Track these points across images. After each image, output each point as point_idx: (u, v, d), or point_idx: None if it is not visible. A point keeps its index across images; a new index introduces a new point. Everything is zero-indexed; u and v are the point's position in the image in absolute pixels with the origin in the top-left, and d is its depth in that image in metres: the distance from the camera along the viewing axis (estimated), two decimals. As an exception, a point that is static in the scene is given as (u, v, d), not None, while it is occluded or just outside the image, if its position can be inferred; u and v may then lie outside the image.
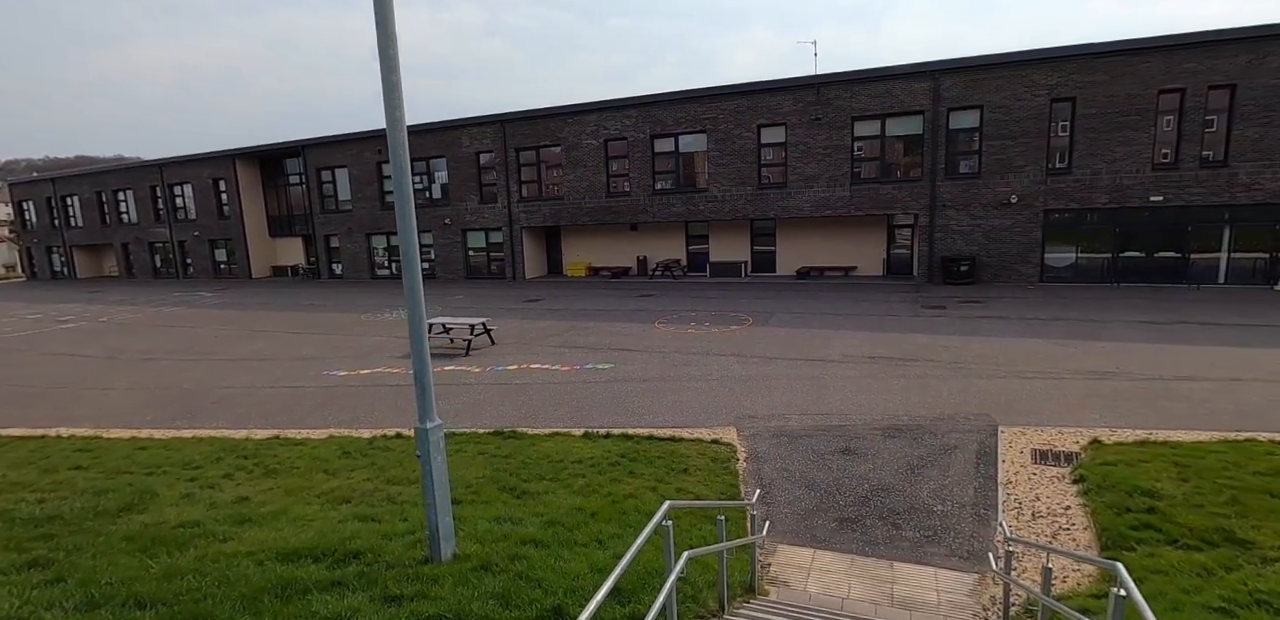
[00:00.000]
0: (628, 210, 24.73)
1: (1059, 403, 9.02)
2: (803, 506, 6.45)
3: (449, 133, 27.47)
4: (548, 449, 7.60)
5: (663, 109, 23.43)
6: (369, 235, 30.66)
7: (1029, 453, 7.38)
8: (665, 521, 2.79)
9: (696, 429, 8.60)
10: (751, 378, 10.96)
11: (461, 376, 12.07)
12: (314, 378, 12.48)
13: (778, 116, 21.84)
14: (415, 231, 4.13)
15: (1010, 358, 11.48)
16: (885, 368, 11.21)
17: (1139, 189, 18.37)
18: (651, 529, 2.63)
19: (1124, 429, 7.91)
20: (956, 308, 16.53)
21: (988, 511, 6.17)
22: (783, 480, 7.00)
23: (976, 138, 19.77)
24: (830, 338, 13.70)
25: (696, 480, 6.74)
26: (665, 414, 9.30)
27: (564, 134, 25.26)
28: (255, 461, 7.49)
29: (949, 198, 20.20)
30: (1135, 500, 5.75)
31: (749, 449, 7.87)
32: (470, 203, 27.68)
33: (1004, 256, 19.94)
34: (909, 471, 7.03)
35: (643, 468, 6.96)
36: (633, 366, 12.10)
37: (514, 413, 9.68)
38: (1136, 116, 18.08)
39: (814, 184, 21.68)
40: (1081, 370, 10.53)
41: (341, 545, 4.48)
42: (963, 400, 9.31)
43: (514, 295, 22.80)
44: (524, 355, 13.50)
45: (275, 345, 16.08)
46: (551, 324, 16.91)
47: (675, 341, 14.09)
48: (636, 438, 8.11)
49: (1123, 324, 13.89)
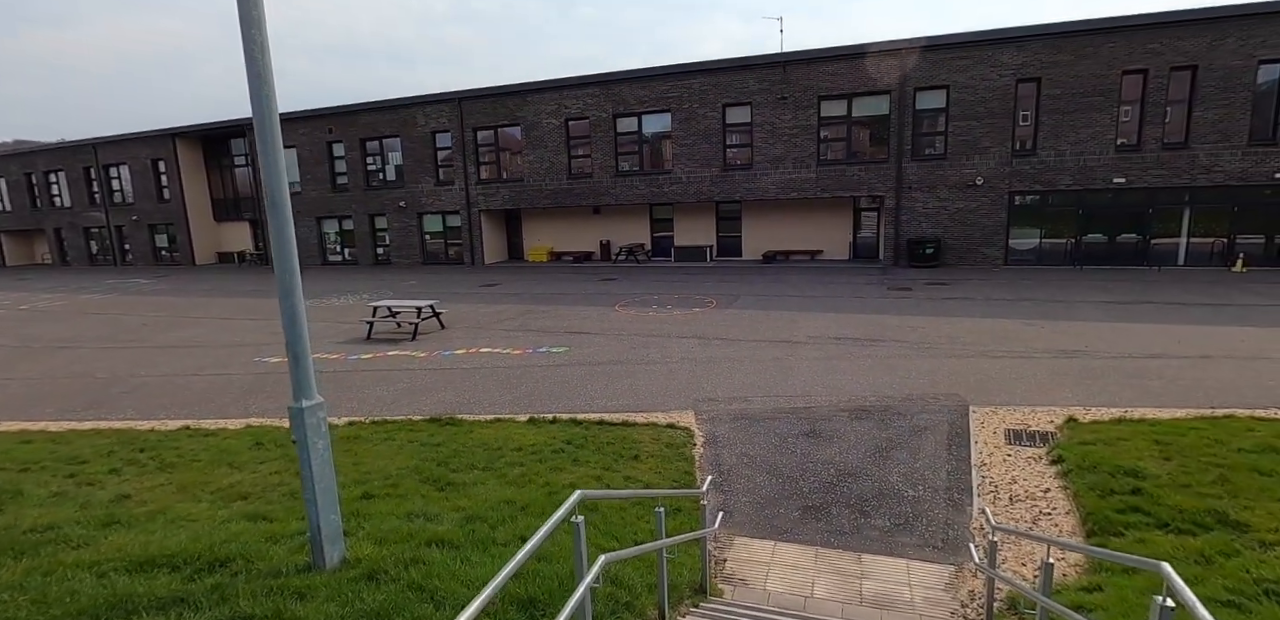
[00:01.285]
0: (590, 192, 23.92)
1: (1030, 382, 8.65)
2: (764, 494, 5.88)
3: (403, 111, 26.21)
4: (486, 436, 6.90)
5: (626, 87, 22.61)
6: (319, 219, 29.24)
7: (1002, 433, 6.94)
8: (575, 517, 2.14)
9: (652, 413, 7.99)
10: (714, 360, 10.39)
11: (405, 362, 11.25)
12: (244, 365, 11.52)
13: (743, 96, 21.22)
14: (284, 176, 3.33)
15: (978, 337, 11.13)
16: (852, 349, 10.75)
17: (1102, 171, 18.28)
18: (554, 525, 1.98)
19: (1099, 407, 7.54)
20: (923, 289, 16.22)
21: (962, 496, 5.68)
22: (743, 466, 6.43)
23: (942, 119, 19.46)
24: (796, 319, 13.21)
25: (648, 468, 6.12)
26: (619, 398, 8.67)
27: (523, 113, 24.27)
28: (152, 455, 6.63)
29: (915, 179, 19.89)
30: (1119, 481, 5.31)
31: (707, 433, 7.29)
32: (426, 185, 26.52)
33: (969, 239, 19.74)
34: (878, 455, 6.52)
35: (589, 455, 6.31)
36: (589, 350, 11.43)
37: (457, 399, 8.94)
38: (1100, 98, 17.94)
39: (780, 165, 21.17)
40: (1050, 349, 10.22)
41: (211, 551, 3.74)
42: (932, 380, 8.87)
43: (471, 280, 21.88)
44: (475, 339, 12.72)
45: (208, 332, 14.98)
46: (507, 308, 16.11)
47: (635, 324, 13.46)
48: (585, 423, 7.45)
49: (1088, 304, 13.71)
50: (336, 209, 28.59)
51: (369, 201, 27.80)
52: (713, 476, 4.30)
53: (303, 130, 28.21)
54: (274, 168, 3.25)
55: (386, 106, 26.49)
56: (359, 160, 27.63)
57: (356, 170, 27.74)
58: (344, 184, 28.25)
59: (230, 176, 32.67)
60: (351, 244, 29.05)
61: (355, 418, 8.10)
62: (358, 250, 28.77)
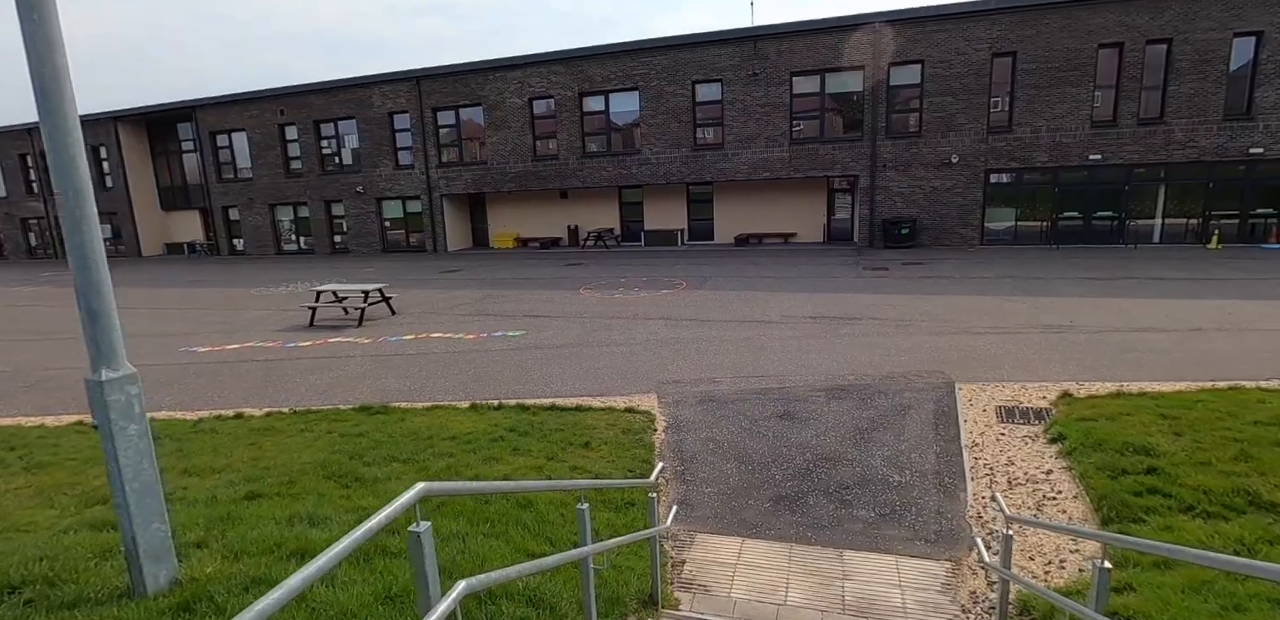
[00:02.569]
0: (556, 175, 22.98)
1: (1016, 357, 8.07)
2: (731, 483, 5.16)
3: (358, 91, 24.93)
4: (419, 425, 6.07)
5: (592, 64, 21.67)
6: (273, 206, 27.84)
7: (993, 410, 6.32)
8: (417, 524, 1.36)
9: (610, 397, 7.23)
10: (681, 341, 9.66)
11: (347, 348, 10.32)
12: (167, 355, 10.48)
13: (714, 72, 20.43)
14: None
15: (959, 315, 10.56)
16: (828, 327, 10.10)
17: (1078, 147, 17.90)
18: (366, 534, 1.20)
19: (1093, 382, 6.97)
20: (899, 269, 15.68)
21: (954, 481, 5.03)
22: (708, 453, 5.71)
23: (917, 95, 18.90)
24: (768, 300, 12.54)
25: (599, 456, 5.36)
26: (576, 382, 7.89)
27: (485, 92, 23.18)
28: (22, 454, 5.68)
29: (890, 158, 19.33)
30: (1129, 460, 4.69)
31: (670, 417, 6.55)
32: (385, 169, 25.31)
33: (945, 219, 19.27)
34: (858, 437, 5.84)
35: (533, 443, 5.53)
36: (547, 333, 10.62)
37: (398, 386, 8.08)
38: (1076, 72, 17.51)
39: (752, 144, 20.45)
40: (1035, 325, 9.68)
41: (22, 569, 2.89)
42: (913, 358, 8.25)
43: (431, 267, 20.85)
44: (426, 325, 11.82)
45: (137, 322, 13.81)
46: (466, 293, 15.20)
47: (599, 307, 12.67)
48: (534, 409, 6.66)
49: (1068, 280, 13.27)
50: (291, 195, 27.22)
51: (325, 187, 26.50)
52: (664, 464, 3.52)
53: (251, 112, 26.75)
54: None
55: (340, 86, 25.18)
56: (313, 144, 26.29)
57: (311, 154, 26.40)
58: (298, 169, 26.89)
59: (178, 163, 30.98)
60: (308, 232, 27.70)
61: (278, 408, 7.20)
62: (314, 239, 27.45)
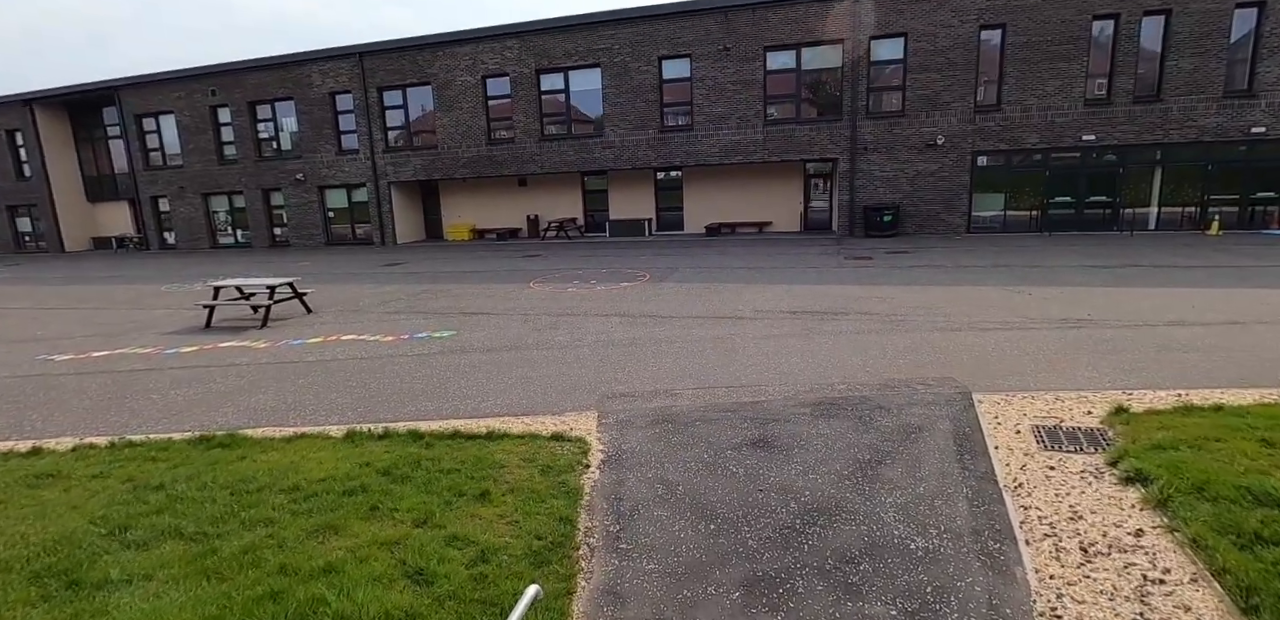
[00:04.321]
0: (512, 160, 21.20)
1: (1037, 358, 6.66)
2: (685, 556, 3.60)
3: (297, 68, 22.83)
4: (259, 466, 4.40)
5: (549, 39, 19.91)
6: (206, 196, 25.59)
7: (1028, 431, 4.85)
8: None
9: (538, 417, 5.63)
10: (637, 342, 8.08)
11: (236, 355, 8.54)
12: (14, 365, 8.59)
13: (681, 47, 18.84)
14: None
15: (959, 307, 9.15)
16: (811, 324, 8.60)
17: (1071, 127, 16.69)
18: None
19: (1142, 390, 5.56)
20: (885, 258, 14.29)
21: (1002, 546, 3.52)
22: (655, 503, 4.13)
23: (900, 71, 17.53)
24: (741, 292, 11.03)
25: (498, 514, 3.76)
26: (501, 396, 6.27)
27: (434, 70, 21.28)
28: None
29: (871, 140, 17.95)
30: (1259, 515, 3.23)
31: (611, 446, 4.96)
32: (326, 154, 23.27)
33: (930, 205, 17.96)
34: (859, 474, 4.32)
35: (408, 494, 3.90)
36: (481, 333, 8.97)
37: (272, 404, 6.38)
38: (1069, 46, 16.28)
39: (723, 125, 18.92)
40: (1049, 319, 8.30)
41: None
42: (914, 360, 6.79)
43: (374, 260, 18.99)
44: (343, 325, 10.08)
45: (8, 324, 11.82)
46: (402, 288, 13.44)
47: (548, 302, 11.04)
48: (430, 437, 5.03)
49: (1070, 269, 11.99)
50: (225, 184, 25.02)
51: (262, 174, 24.35)
52: (536, 587, 1.88)
53: (179, 93, 24.47)
54: None
55: (277, 64, 23.05)
56: (248, 127, 24.11)
57: (246, 139, 24.22)
58: (232, 155, 24.69)
59: (104, 151, 28.48)
60: (245, 224, 25.52)
61: (98, 439, 5.45)
62: (252, 232, 25.28)
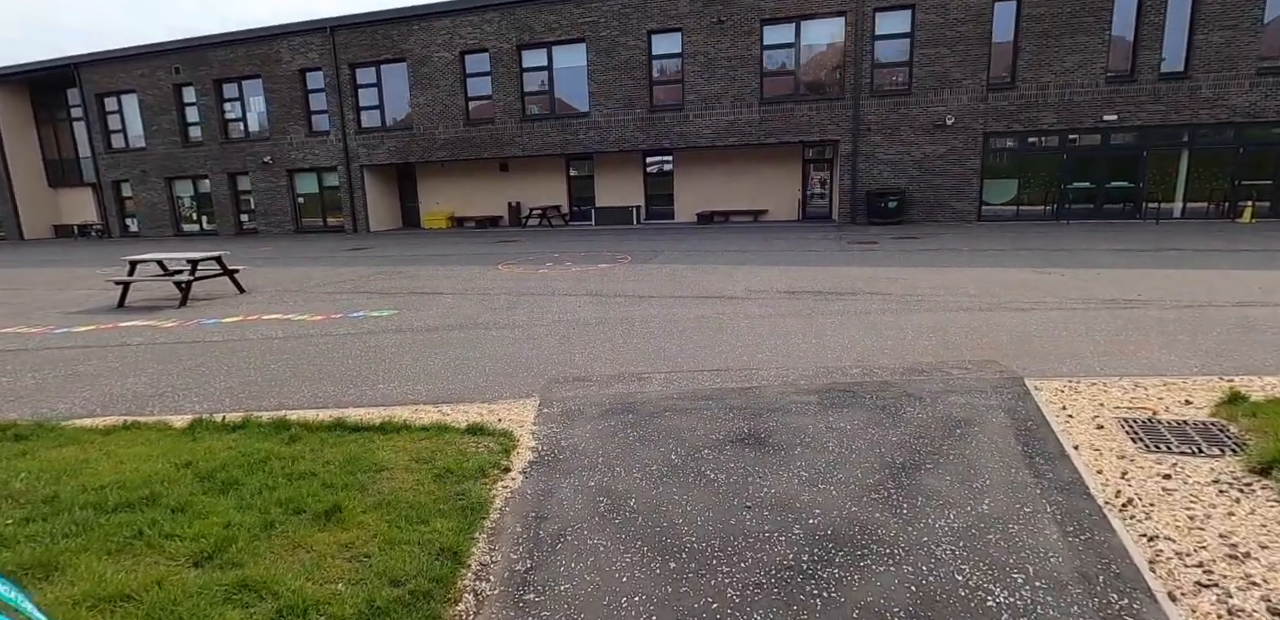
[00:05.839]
0: (492, 142, 19.88)
1: (1094, 339, 5.38)
2: (627, 617, 2.27)
3: (264, 43, 21.46)
4: (36, 465, 3.07)
5: (531, 11, 18.62)
6: (169, 180, 24.15)
7: (1114, 426, 3.56)
8: None
9: (463, 404, 4.31)
10: (606, 322, 6.77)
11: (130, 335, 7.19)
12: None
13: (672, 20, 17.58)
14: None
15: (985, 287, 7.88)
16: (813, 304, 7.31)
17: (1091, 107, 15.47)
18: None
19: (1245, 375, 4.29)
20: (892, 243, 13.02)
21: (1132, 601, 2.20)
22: (594, 525, 2.81)
23: (907, 45, 16.29)
24: (732, 273, 9.74)
25: (341, 543, 2.43)
26: (426, 380, 4.96)
27: (409, 45, 19.96)
28: None
29: (875, 120, 16.71)
30: None
31: (547, 443, 3.63)
32: (296, 135, 21.89)
33: (938, 190, 16.71)
34: (891, 483, 3.02)
35: (221, 509, 2.59)
36: (426, 312, 7.65)
37: (141, 388, 5.04)
38: (1090, 17, 15.07)
39: (716, 105, 17.65)
40: (1091, 298, 7.04)
41: None
42: (942, 341, 5.50)
43: (340, 246, 17.62)
44: (272, 305, 8.73)
45: (-99, 303, 10.42)
46: (356, 271, 12.11)
47: (514, 283, 9.72)
48: (300, 427, 3.70)
49: (1101, 252, 10.74)
50: (190, 167, 23.59)
51: (228, 158, 22.94)
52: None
53: (141, 71, 23.06)
54: None
55: (244, 39, 21.67)
56: (214, 107, 22.71)
57: (211, 119, 22.82)
58: (197, 137, 23.27)
59: (68, 133, 26.97)
60: (210, 210, 24.07)
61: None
62: (218, 218, 23.84)
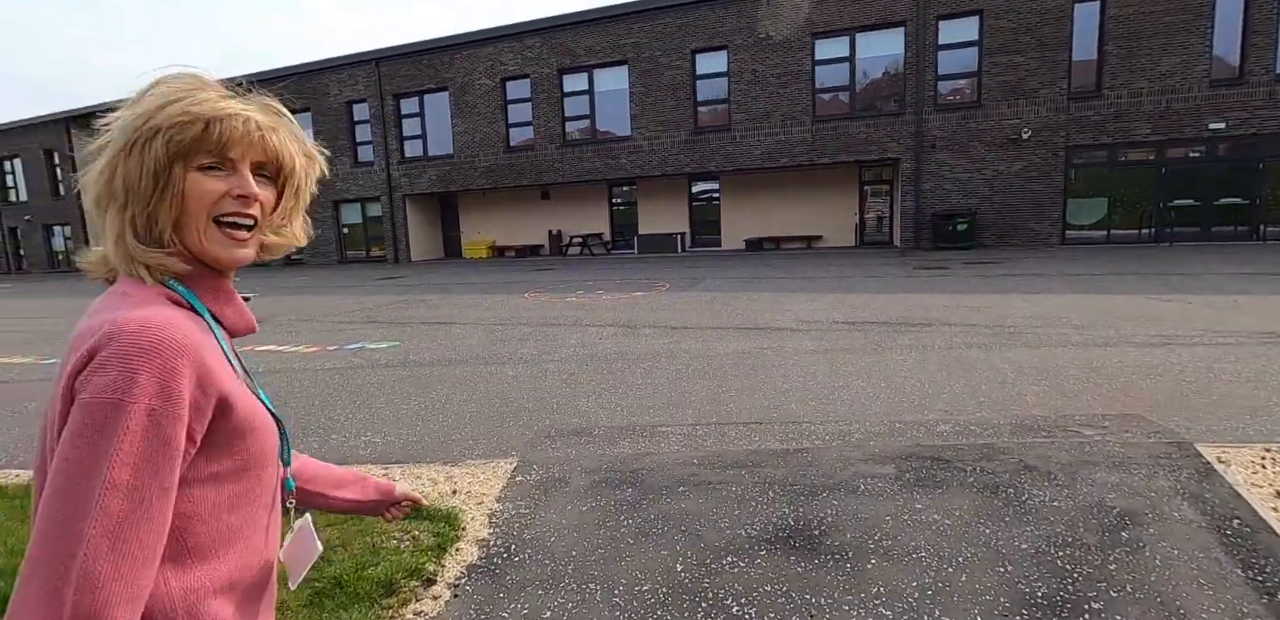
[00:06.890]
0: (532, 168, 19.40)
1: (1272, 385, 3.93)
2: None
3: (315, 77, 21.87)
4: None
5: (572, 34, 18.27)
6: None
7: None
8: None
9: (418, 465, 3.26)
10: (627, 356, 5.66)
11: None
12: None
13: (717, 37, 16.85)
14: None
15: (1095, 318, 6.42)
16: (879, 337, 6.03)
17: (1192, 114, 13.75)
18: None
19: None
20: (965, 268, 11.54)
21: None
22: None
23: (975, 54, 15.00)
24: (781, 302, 8.52)
25: None
26: (388, 429, 3.95)
27: (451, 73, 19.89)
28: None
29: (940, 135, 15.36)
30: None
31: (504, 531, 2.51)
32: (342, 166, 22.01)
33: (1013, 211, 15.11)
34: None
35: None
36: (431, 344, 6.73)
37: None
38: (1187, 14, 13.50)
39: (765, 124, 16.67)
40: (1244, 331, 5.53)
41: None
42: (1056, 386, 4.15)
43: (374, 275, 17.23)
44: (271, 335, 8.00)
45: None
46: (377, 299, 11.44)
47: (536, 312, 8.76)
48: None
49: (1228, 276, 9.03)
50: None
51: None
52: None
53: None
54: None
55: (293, 74, 22.10)
56: (268, 141, 23.16)
57: (265, 152, 23.26)
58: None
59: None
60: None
61: None
62: (268, 248, 24.09)
